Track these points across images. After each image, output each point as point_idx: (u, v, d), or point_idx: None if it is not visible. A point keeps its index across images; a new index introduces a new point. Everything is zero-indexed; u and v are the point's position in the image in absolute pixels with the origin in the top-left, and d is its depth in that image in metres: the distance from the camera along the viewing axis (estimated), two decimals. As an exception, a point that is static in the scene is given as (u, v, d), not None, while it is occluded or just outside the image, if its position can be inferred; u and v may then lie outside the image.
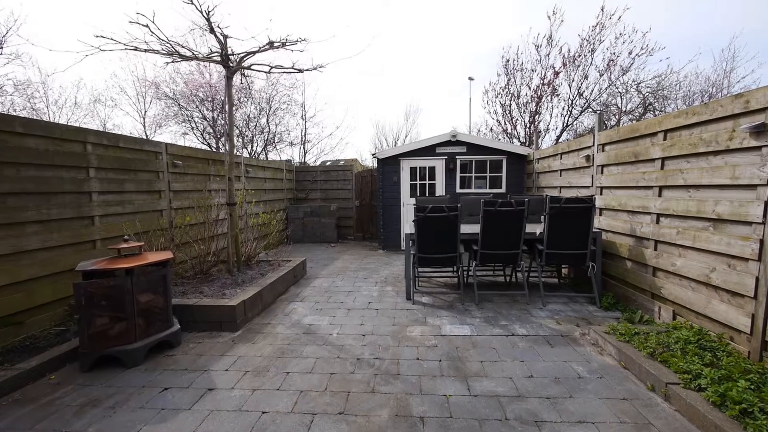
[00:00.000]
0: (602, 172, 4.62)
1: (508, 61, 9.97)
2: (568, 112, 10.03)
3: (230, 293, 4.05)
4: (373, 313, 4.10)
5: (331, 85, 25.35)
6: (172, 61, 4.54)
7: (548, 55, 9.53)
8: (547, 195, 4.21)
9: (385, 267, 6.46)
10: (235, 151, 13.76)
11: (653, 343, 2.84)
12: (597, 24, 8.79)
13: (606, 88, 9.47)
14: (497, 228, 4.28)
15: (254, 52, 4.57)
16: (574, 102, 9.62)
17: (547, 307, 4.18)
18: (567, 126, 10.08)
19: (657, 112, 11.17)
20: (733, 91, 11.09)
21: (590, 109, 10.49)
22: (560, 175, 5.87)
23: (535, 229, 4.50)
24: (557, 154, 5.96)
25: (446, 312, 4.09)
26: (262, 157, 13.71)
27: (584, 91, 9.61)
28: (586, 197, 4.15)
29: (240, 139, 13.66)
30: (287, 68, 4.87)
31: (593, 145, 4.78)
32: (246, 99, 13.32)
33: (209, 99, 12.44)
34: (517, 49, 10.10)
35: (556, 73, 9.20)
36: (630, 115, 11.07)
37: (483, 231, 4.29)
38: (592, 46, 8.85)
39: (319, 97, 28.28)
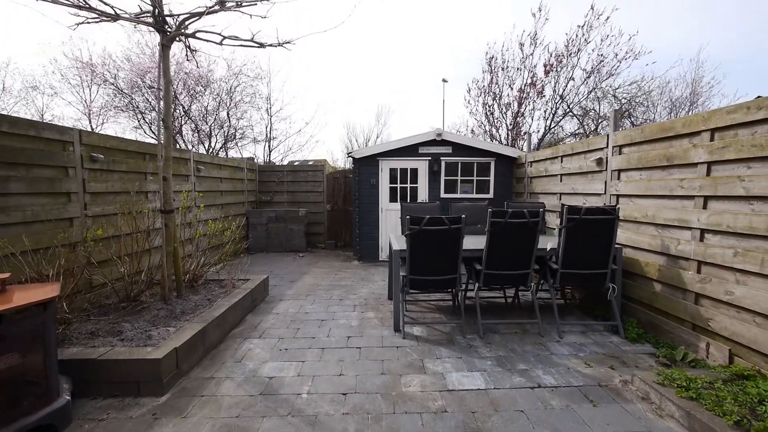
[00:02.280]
0: (619, 178, 4.01)
1: (492, 57, 9.45)
2: (551, 115, 9.66)
3: (159, 334, 2.97)
4: (355, 354, 3.18)
5: (300, 78, 23.97)
6: (85, 22, 3.39)
7: (532, 54, 9.10)
8: (564, 205, 3.52)
9: (362, 284, 5.54)
10: (191, 147, 12.30)
11: (731, 403, 2.16)
12: (585, 24, 8.46)
13: (590, 92, 9.19)
14: (506, 244, 3.52)
15: (200, 14, 3.51)
16: (558, 104, 9.25)
17: (565, 339, 3.48)
18: (550, 129, 9.72)
19: (633, 119, 11.11)
20: (708, 103, 11.25)
21: (571, 114, 10.21)
22: (560, 180, 5.26)
23: (546, 243, 3.79)
24: (557, 157, 5.35)
25: (446, 350, 3.26)
26: (222, 154, 12.30)
27: (568, 94, 9.28)
28: (609, 207, 3.50)
29: (196, 134, 12.21)
30: (245, 40, 3.85)
31: (607, 146, 4.17)
32: (204, 89, 11.93)
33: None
34: (502, 45, 9.63)
35: (547, 72, 8.78)
36: (608, 121, 10.94)
37: (489, 247, 3.51)
38: (578, 47, 8.50)
39: (287, 90, 26.83)
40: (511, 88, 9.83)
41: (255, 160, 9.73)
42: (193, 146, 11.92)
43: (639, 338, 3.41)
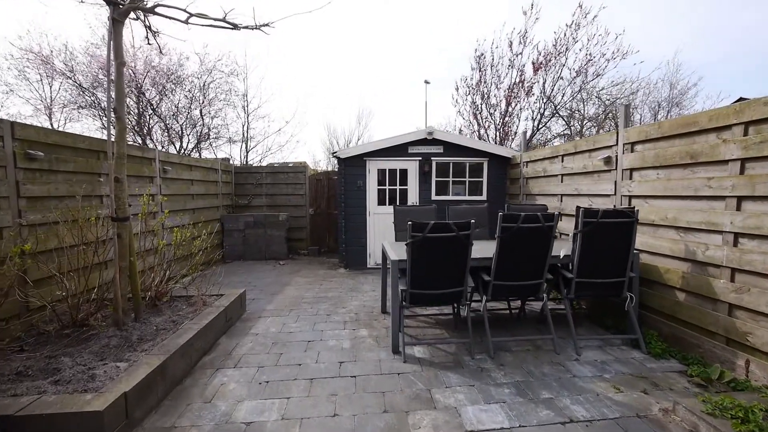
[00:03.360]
0: (631, 178, 3.72)
1: (481, 55, 9.18)
2: (539, 116, 9.50)
3: (107, 372, 2.39)
4: (350, 385, 2.70)
5: (280, 75, 23.06)
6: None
7: (521, 53, 8.90)
8: (580, 208, 3.17)
9: (351, 295, 5.05)
10: (160, 147, 11.40)
11: (803, 441, 1.83)
12: (572, 23, 8.33)
13: (579, 92, 9.09)
14: (518, 251, 3.14)
15: (159, -16, 2.96)
16: (546, 104, 9.09)
17: (584, 357, 3.12)
18: (538, 129, 9.55)
19: (617, 121, 11.14)
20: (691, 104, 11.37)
21: (558, 115, 10.10)
22: (561, 181, 4.97)
23: (559, 250, 3.44)
24: (556, 156, 5.06)
25: (456, 376, 2.82)
26: (195, 155, 11.48)
27: (555, 95, 9.14)
28: (627, 209, 3.18)
29: (166, 134, 11.36)
30: (216, 19, 3.32)
31: (617, 144, 3.89)
32: (174, 86, 11.11)
33: (132, 85, 10.04)
34: (492, 43, 9.37)
35: (536, 69, 8.58)
36: (593, 122, 10.94)
37: (499, 255, 3.11)
38: (566, 46, 8.36)
39: (266, 87, 25.82)
40: (498, 88, 9.62)
41: (230, 161, 9.05)
42: (163, 147, 11.06)
43: (663, 353, 3.10)
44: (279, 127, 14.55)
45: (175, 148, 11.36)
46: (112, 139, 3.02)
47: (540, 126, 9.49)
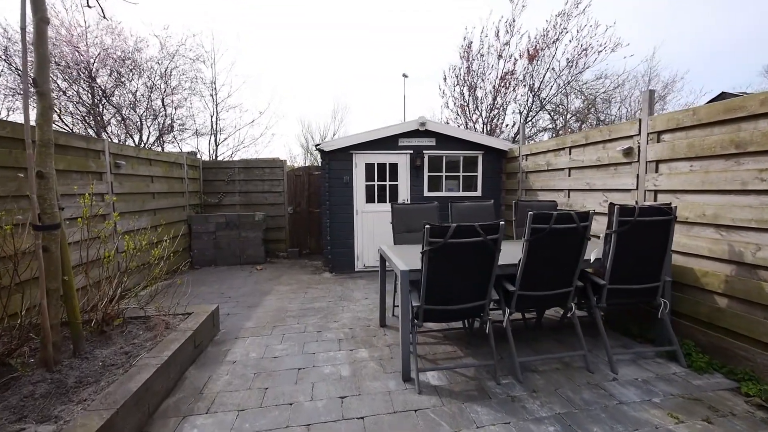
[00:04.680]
0: (657, 170, 3.38)
1: (471, 43, 8.76)
2: (527, 109, 9.24)
3: (22, 444, 1.71)
4: (358, 430, 2.15)
5: (252, 61, 21.70)
6: None
7: (508, 43, 8.56)
8: (614, 205, 2.77)
9: (342, 304, 4.47)
10: (114, 138, 10.20)
11: None
12: (561, 12, 8.06)
13: (567, 84, 8.88)
14: (548, 256, 2.69)
15: None
16: (536, 96, 8.83)
17: (622, 375, 2.73)
18: (527, 121, 9.29)
19: (599, 115, 11.13)
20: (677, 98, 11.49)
21: (545, 109, 9.90)
22: (569, 175, 4.61)
23: (589, 253, 3.03)
24: (563, 148, 4.70)
25: (484, 409, 2.34)
26: (157, 150, 10.38)
27: (544, 88, 8.89)
28: (664, 206, 2.81)
29: (123, 125, 10.21)
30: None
31: (639, 133, 3.53)
32: (131, 72, 9.97)
33: (82, 68, 8.84)
34: (481, 31, 8.96)
35: (531, 57, 8.25)
36: (577, 116, 10.85)
37: (527, 261, 2.65)
38: (557, 36, 8.10)
39: (237, 74, 24.33)
40: (483, 81, 9.27)
41: (198, 155, 8.16)
42: (119, 140, 9.91)
43: (706, 367, 2.76)
44: (252, 118, 13.52)
45: (134, 141, 10.23)
46: (32, 122, 2.27)
47: (528, 119, 9.24)
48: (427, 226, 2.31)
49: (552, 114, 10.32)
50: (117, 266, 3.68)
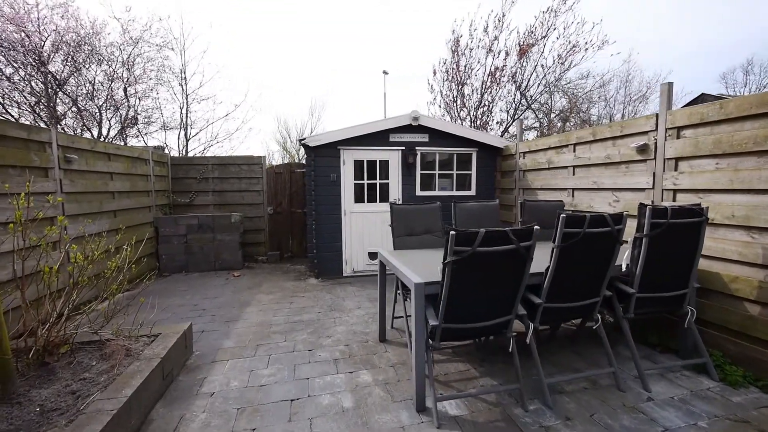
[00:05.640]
0: (676, 168, 3.17)
1: (459, 37, 8.47)
2: (514, 108, 9.10)
3: None
4: (374, 485, 1.74)
5: (228, 48, 20.38)
6: None
7: (497, 38, 8.36)
8: (645, 206, 2.51)
9: (333, 315, 4.04)
10: (70, 132, 9.17)
11: None
12: (548, 9, 7.94)
13: (556, 81, 8.81)
14: (578, 263, 2.39)
15: None
16: (523, 95, 8.69)
17: (655, 393, 2.47)
18: (515, 119, 9.14)
19: (582, 115, 11.20)
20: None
21: (530, 108, 9.81)
22: (573, 173, 4.39)
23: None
24: (566, 146, 4.47)
25: (518, 446, 1.99)
26: (119, 144, 9.46)
27: (532, 85, 8.77)
28: (695, 206, 2.58)
29: (79, 117, 9.24)
30: None
31: (655, 129, 3.32)
32: (88, 58, 9.02)
33: (30, 50, 7.84)
34: (470, 24, 8.68)
35: (522, 53, 8.06)
36: (561, 114, 10.87)
37: (557, 270, 2.34)
38: (545, 32, 7.98)
39: (209, 63, 22.46)
40: (470, 77, 9.05)
41: (166, 150, 7.41)
42: (75, 133, 8.94)
43: (742, 382, 2.55)
44: (227, 111, 12.60)
45: (92, 135, 9.27)
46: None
47: (516, 117, 9.10)
48: (452, 233, 1.93)
49: (537, 113, 10.26)
50: (67, 279, 3.07)
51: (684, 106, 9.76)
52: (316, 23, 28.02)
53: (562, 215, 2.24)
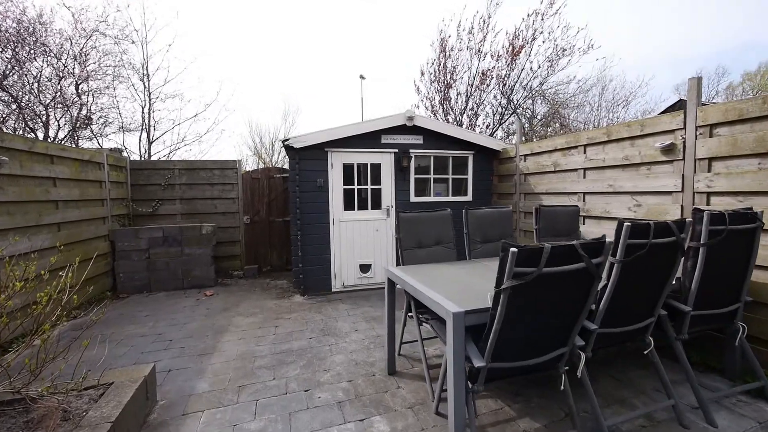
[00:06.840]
0: (709, 170, 2.91)
1: (448, 38, 8.20)
2: (502, 109, 8.94)
3: None
4: None
5: (197, 41, 18.98)
6: None
7: (483, 40, 8.18)
8: (704, 212, 2.21)
9: (328, 342, 3.48)
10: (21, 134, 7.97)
11: None
12: (533, 12, 7.85)
13: (541, 84, 8.73)
14: (638, 280, 2.01)
15: None
16: (511, 96, 8.54)
17: (722, 429, 2.12)
18: (501, 123, 8.99)
19: (562, 120, 11.28)
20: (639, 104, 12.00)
21: (515, 113, 9.71)
22: (584, 176, 4.11)
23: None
24: (576, 147, 4.19)
25: None
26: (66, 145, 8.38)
27: (517, 90, 8.65)
28: (748, 212, 2.30)
29: (21, 117, 8.13)
30: None
31: (684, 127, 3.06)
32: (32, 49, 7.99)
33: None
34: (458, 24, 8.43)
35: (515, 53, 7.89)
36: (544, 119, 10.88)
37: (615, 290, 1.94)
38: (532, 35, 7.87)
39: (175, 55, 20.65)
40: (455, 80, 8.82)
41: (125, 153, 6.56)
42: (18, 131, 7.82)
43: (809, 408, 2.27)
44: (197, 111, 11.56)
45: (36, 137, 8.16)
46: None
47: (503, 121, 8.95)
48: (512, 250, 1.48)
49: (521, 117, 10.19)
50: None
51: (661, 113, 10.00)
52: (295, 19, 27.23)
53: (626, 224, 1.85)
